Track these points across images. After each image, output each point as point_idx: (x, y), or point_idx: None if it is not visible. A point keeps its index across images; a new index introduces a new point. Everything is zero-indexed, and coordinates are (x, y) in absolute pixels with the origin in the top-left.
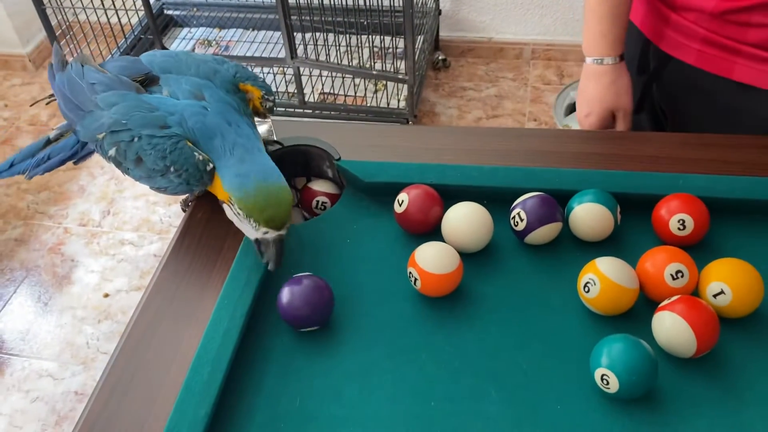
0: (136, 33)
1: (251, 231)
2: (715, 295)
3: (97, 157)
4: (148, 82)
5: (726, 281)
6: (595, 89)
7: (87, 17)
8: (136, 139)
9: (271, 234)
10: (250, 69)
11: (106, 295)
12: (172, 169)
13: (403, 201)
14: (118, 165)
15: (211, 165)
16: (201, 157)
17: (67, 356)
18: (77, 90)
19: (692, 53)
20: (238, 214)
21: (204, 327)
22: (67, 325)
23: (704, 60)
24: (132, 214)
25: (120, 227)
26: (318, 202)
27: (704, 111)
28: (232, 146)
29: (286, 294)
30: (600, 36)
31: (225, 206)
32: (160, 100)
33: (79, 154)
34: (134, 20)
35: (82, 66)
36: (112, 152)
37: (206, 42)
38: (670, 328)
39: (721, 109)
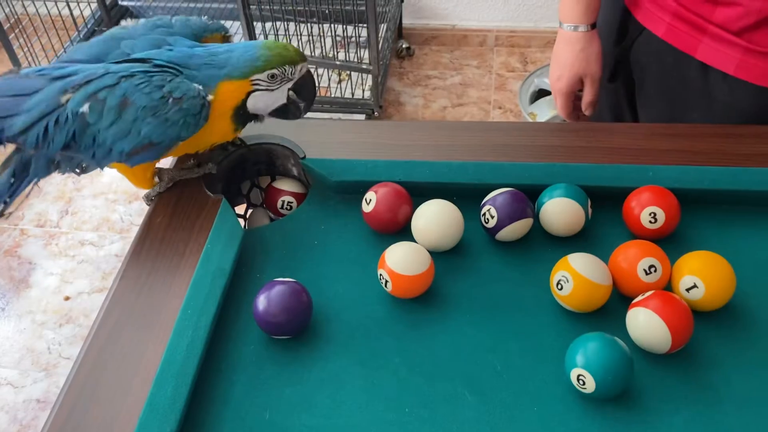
0: (89, 25)
1: (287, 85)
2: (688, 289)
3: None
4: None
5: (698, 275)
6: (567, 55)
7: (37, 9)
8: (122, 81)
9: (305, 67)
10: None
11: (67, 298)
12: (170, 100)
13: (370, 200)
14: (82, 133)
15: (210, 97)
16: (200, 87)
17: (28, 363)
18: (9, 84)
19: (662, 26)
20: (273, 76)
21: (167, 336)
22: (27, 331)
23: (672, 34)
24: (91, 213)
25: (79, 227)
26: (283, 202)
27: (667, 86)
28: (212, 51)
29: (263, 299)
30: (574, 4)
31: (252, 99)
32: (124, 55)
33: (14, 193)
34: (87, 12)
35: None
36: (84, 108)
37: None
38: (645, 324)
39: (682, 86)
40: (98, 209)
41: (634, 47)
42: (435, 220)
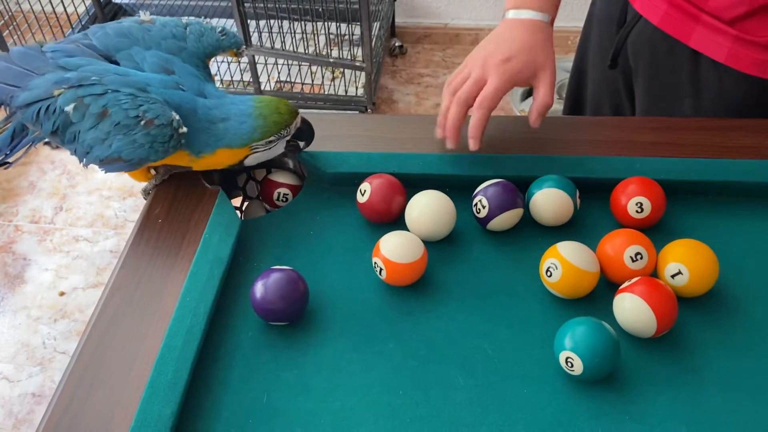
0: (83, 23)
1: (284, 140)
2: (673, 276)
3: (46, 152)
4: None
5: (683, 262)
6: (527, 39)
7: (31, 6)
8: (109, 92)
9: (299, 119)
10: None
11: (62, 294)
12: (142, 122)
13: (365, 191)
14: (65, 127)
15: (184, 129)
16: (177, 117)
17: (23, 358)
18: (30, 57)
19: (658, 14)
20: (271, 142)
21: (167, 324)
22: (22, 326)
23: (667, 22)
24: (86, 209)
25: (74, 223)
26: (279, 194)
27: (660, 73)
28: (212, 116)
29: (260, 286)
30: None
31: (249, 159)
32: (131, 70)
33: (13, 151)
34: (81, 9)
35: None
36: (69, 108)
37: None
38: (631, 309)
39: (674, 73)
40: (93, 205)
41: (631, 35)
42: (428, 210)
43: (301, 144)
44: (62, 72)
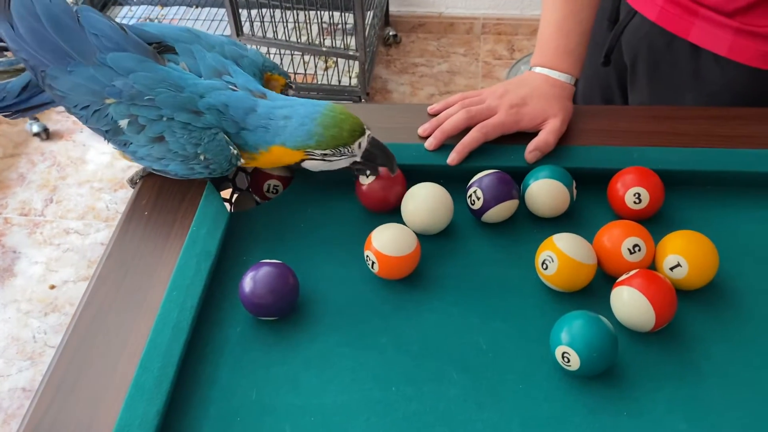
0: None
1: (348, 159)
2: (671, 268)
3: (36, 144)
4: (162, 49)
5: (682, 254)
6: (547, 90)
7: None
8: (164, 119)
9: (365, 140)
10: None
11: (53, 287)
12: (202, 157)
13: (369, 174)
14: (116, 133)
15: (242, 161)
16: (235, 152)
17: (13, 352)
18: (67, 29)
19: (655, 10)
20: (326, 155)
21: (153, 318)
22: (12, 320)
23: (665, 18)
24: (76, 201)
25: (64, 215)
26: (270, 185)
27: (658, 69)
28: (270, 114)
29: (249, 280)
30: (567, 55)
31: (307, 163)
32: (183, 77)
33: (19, 105)
34: None
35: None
36: (122, 123)
37: (148, 20)
38: (629, 302)
39: (673, 69)
40: (83, 197)
41: (626, 31)
42: (425, 203)
43: (369, 172)
44: (110, 73)
